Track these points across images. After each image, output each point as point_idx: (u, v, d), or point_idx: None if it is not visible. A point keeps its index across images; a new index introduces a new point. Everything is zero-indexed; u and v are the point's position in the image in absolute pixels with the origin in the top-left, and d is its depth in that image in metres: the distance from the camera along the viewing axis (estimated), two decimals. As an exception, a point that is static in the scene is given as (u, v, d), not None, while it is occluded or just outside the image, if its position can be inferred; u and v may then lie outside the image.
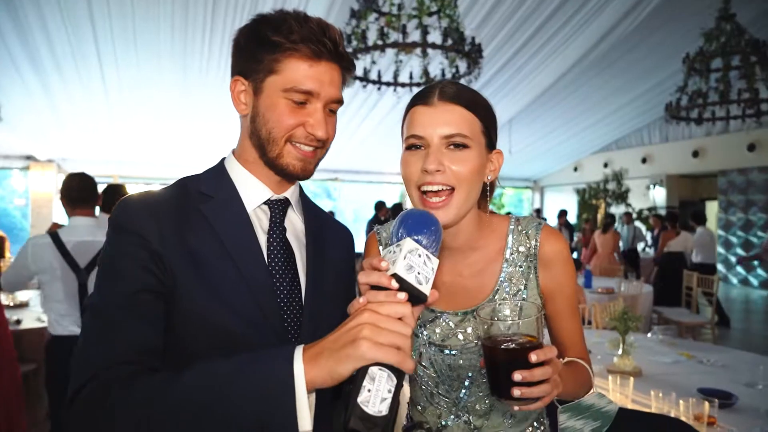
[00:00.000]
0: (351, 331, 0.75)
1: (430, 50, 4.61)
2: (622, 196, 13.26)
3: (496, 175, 1.15)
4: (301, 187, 1.20)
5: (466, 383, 1.17)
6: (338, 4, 6.21)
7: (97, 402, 0.80)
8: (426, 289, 0.79)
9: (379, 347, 0.72)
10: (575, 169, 15.93)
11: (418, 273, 0.79)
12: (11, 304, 4.64)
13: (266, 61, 1.01)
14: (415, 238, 0.83)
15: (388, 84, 5.46)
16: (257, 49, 1.01)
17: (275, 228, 1.09)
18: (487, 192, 1.17)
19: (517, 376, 0.86)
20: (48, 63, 6.85)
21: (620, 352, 2.94)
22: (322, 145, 1.07)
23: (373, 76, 5.34)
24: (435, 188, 1.05)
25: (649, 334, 3.88)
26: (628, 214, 11.19)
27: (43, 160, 10.82)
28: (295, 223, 1.15)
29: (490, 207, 1.23)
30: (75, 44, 6.50)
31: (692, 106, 6.91)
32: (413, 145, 1.09)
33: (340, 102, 1.08)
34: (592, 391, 1.14)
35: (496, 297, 1.15)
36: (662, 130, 13.25)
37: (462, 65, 5.21)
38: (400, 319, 0.76)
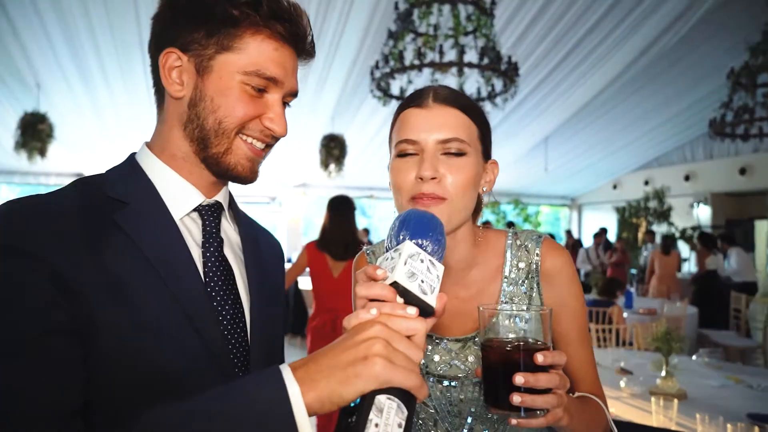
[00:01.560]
0: (361, 346, 0.60)
1: (466, 69, 4.66)
2: (664, 215, 12.89)
3: (491, 186, 1.05)
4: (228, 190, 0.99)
5: (469, 420, 1.03)
6: (375, 25, 6.35)
7: None
8: (431, 299, 0.67)
9: (394, 367, 0.59)
10: (614, 187, 15.59)
11: (422, 281, 0.67)
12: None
13: (222, 35, 0.82)
14: (418, 242, 0.70)
15: (424, 103, 5.52)
16: (208, 19, 0.82)
17: (211, 240, 0.90)
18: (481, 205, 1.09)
19: (519, 378, 0.76)
20: (98, 80, 7.19)
21: (663, 373, 2.86)
22: (273, 143, 0.91)
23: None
24: (428, 199, 0.95)
25: (693, 357, 3.75)
26: (649, 233, 10.93)
27: (92, 178, 11.31)
28: (230, 234, 0.96)
29: (527, 225, 1.19)
30: (124, 62, 6.84)
31: (738, 122, 6.71)
32: (405, 151, 0.98)
33: (296, 95, 0.93)
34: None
35: (498, 319, 1.06)
36: (706, 147, 12.86)
37: (498, 84, 5.24)
38: (409, 337, 0.64)
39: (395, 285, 0.66)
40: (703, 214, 13.15)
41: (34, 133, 6.89)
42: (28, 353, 0.67)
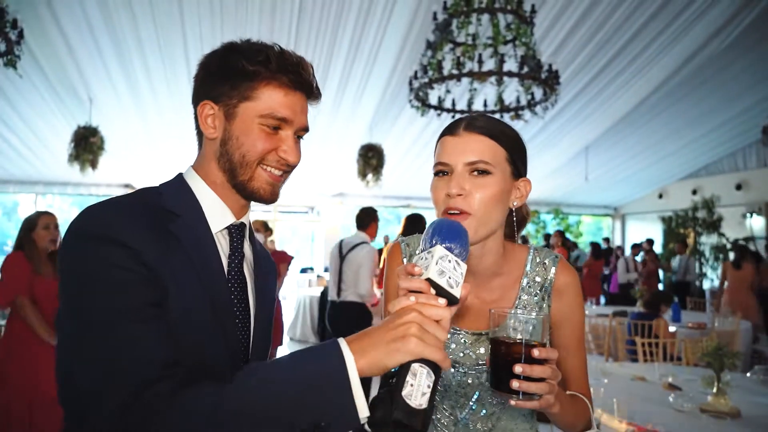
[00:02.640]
0: (400, 328, 0.79)
1: (505, 78, 4.63)
2: (713, 225, 12.39)
3: (522, 201, 1.20)
4: None
5: (473, 401, 1.22)
6: (414, 36, 6.39)
7: (144, 425, 0.76)
8: (456, 292, 0.85)
9: (426, 345, 0.78)
10: (660, 196, 15.09)
11: (449, 278, 0.85)
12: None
13: (242, 88, 1.02)
14: (447, 245, 0.88)
15: (462, 112, 5.51)
16: (232, 76, 1.03)
17: (236, 255, 1.10)
18: (513, 222, 1.24)
19: (518, 368, 0.93)
20: (146, 94, 7.50)
21: (715, 390, 2.74)
22: (290, 170, 1.10)
23: (447, 104, 5.41)
24: (457, 212, 1.11)
25: (748, 374, 3.58)
26: (681, 243, 10.52)
27: (139, 188, 11.75)
28: (246, 252, 1.15)
29: (567, 235, 1.27)
30: (170, 77, 7.10)
31: (793, 129, 6.42)
32: (440, 171, 1.16)
33: (307, 130, 1.11)
34: (591, 427, 1.19)
35: (506, 321, 1.19)
36: (759, 155, 12.31)
37: (538, 92, 5.17)
38: (437, 322, 0.82)
39: (429, 280, 0.84)
40: (757, 224, 12.56)
41: (87, 145, 7.22)
42: (137, 318, 0.85)
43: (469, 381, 1.22)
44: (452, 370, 1.23)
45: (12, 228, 15.83)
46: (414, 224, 4.71)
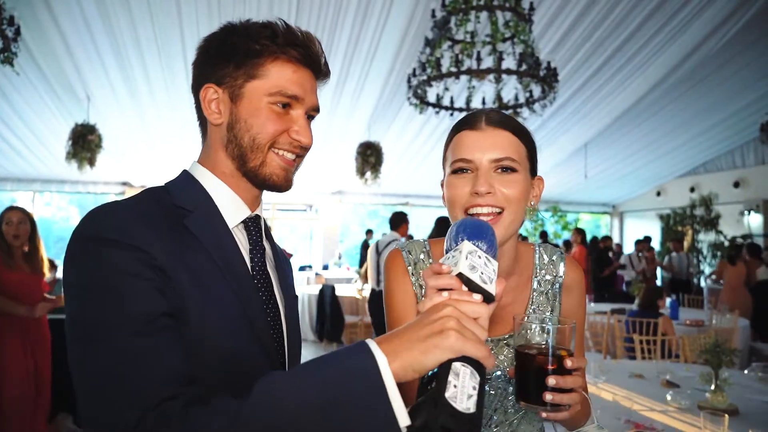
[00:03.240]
0: (437, 323, 0.71)
1: (504, 75, 4.62)
2: (711, 223, 12.41)
3: (537, 200, 1.16)
4: None
5: (493, 412, 1.15)
6: (412, 33, 6.37)
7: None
8: (491, 288, 0.78)
9: (466, 340, 0.69)
10: (658, 194, 15.12)
11: (482, 273, 0.78)
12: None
13: (248, 66, 0.96)
14: (474, 242, 0.82)
15: (460, 110, 5.50)
16: (235, 55, 0.96)
17: (257, 249, 1.03)
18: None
19: (552, 381, 0.89)
20: (144, 92, 7.46)
21: (713, 387, 2.75)
22: (303, 153, 1.03)
23: (446, 102, 5.40)
24: (484, 210, 1.06)
25: (746, 371, 3.59)
26: (676, 241, 10.55)
27: (137, 186, 11.72)
28: (266, 246, 1.08)
29: (565, 233, 1.26)
30: (168, 75, 7.08)
31: (791, 126, 6.42)
32: (461, 168, 1.09)
33: (318, 110, 1.05)
34: (590, 421, 1.16)
35: (532, 329, 1.18)
36: (757, 152, 12.32)
37: (536, 89, 5.17)
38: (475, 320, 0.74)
39: (460, 276, 0.76)
40: (755, 222, 12.59)
41: (84, 143, 7.20)
42: (146, 331, 0.77)
43: (491, 392, 1.15)
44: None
45: (10, 226, 15.79)
46: (444, 227, 4.86)
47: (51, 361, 3.93)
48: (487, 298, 0.78)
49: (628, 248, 13.78)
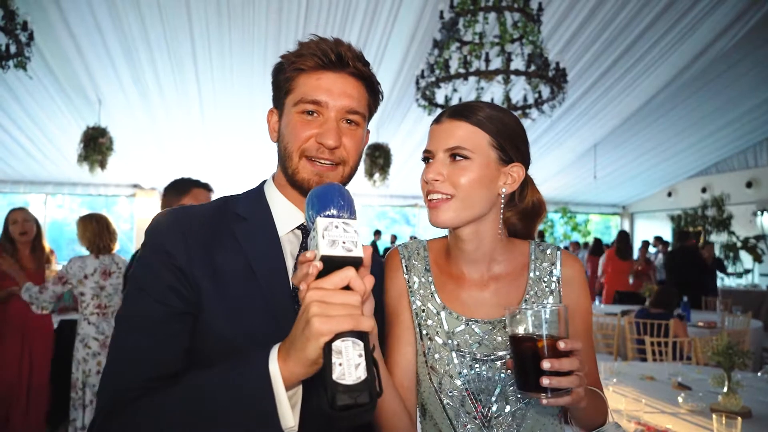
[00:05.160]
0: (303, 316, 0.75)
1: (512, 76, 4.60)
2: (723, 224, 12.28)
3: (514, 187, 1.17)
4: None
5: (495, 395, 1.15)
6: (420, 35, 6.38)
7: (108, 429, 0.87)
8: (358, 252, 0.79)
9: (331, 319, 0.73)
10: (669, 195, 14.99)
11: (344, 242, 0.79)
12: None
13: (284, 84, 1.07)
14: (325, 213, 0.83)
15: (469, 110, 5.48)
16: (279, 78, 1.08)
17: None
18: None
19: (546, 364, 0.90)
20: (154, 95, 7.53)
21: (725, 389, 2.72)
22: (336, 158, 1.05)
23: (454, 103, 5.39)
24: (436, 196, 1.13)
25: (759, 373, 3.55)
26: (658, 238, 10.41)
27: (147, 188, 11.81)
28: None
29: (575, 234, 1.25)
30: (179, 79, 7.14)
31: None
32: (425, 158, 1.18)
33: (357, 113, 1.07)
34: (609, 420, 1.16)
35: (525, 316, 1.18)
36: (770, 152, 12.20)
37: (545, 90, 5.15)
38: (347, 288, 0.77)
39: (324, 258, 0.77)
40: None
41: (95, 146, 7.27)
42: (150, 324, 0.94)
43: (489, 374, 1.15)
44: (470, 358, 1.15)
45: (22, 228, 15.95)
46: None
47: (50, 366, 4.05)
48: (357, 262, 0.79)
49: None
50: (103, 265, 3.78)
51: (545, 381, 0.90)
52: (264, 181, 1.18)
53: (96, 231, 3.80)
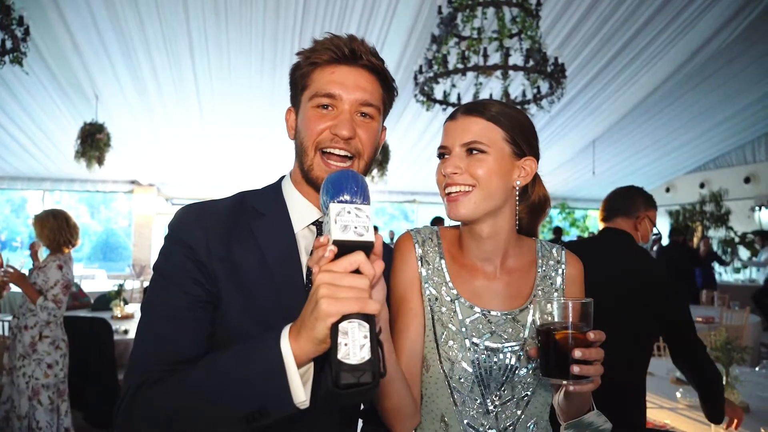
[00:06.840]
0: (313, 297, 0.78)
1: (511, 72, 4.59)
2: (721, 219, 12.30)
3: (527, 180, 1.21)
4: None
5: (503, 386, 1.18)
6: (418, 30, 6.36)
7: (131, 410, 0.91)
8: (369, 236, 0.81)
9: (338, 301, 0.76)
10: (667, 190, 15.00)
11: (355, 227, 0.81)
12: (119, 315, 5.05)
13: (300, 80, 1.10)
14: (339, 199, 0.85)
15: (468, 106, 5.47)
16: (296, 75, 1.12)
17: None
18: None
19: (578, 353, 0.96)
20: (152, 91, 7.51)
21: (723, 384, 2.72)
22: (351, 149, 1.08)
23: (453, 98, 5.39)
24: (455, 189, 1.16)
25: (756, 368, 3.56)
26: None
27: (145, 185, 11.78)
28: None
29: (574, 230, 1.26)
30: (176, 75, 7.11)
31: (803, 121, 6.34)
32: (441, 154, 1.22)
33: (371, 105, 1.10)
34: (591, 409, 1.21)
35: (554, 307, 1.22)
36: (768, 147, 12.21)
37: (543, 86, 5.13)
38: (357, 271, 0.79)
39: (336, 242, 0.80)
40: (766, 218, 12.47)
41: (93, 142, 7.25)
42: (173, 312, 0.98)
43: (497, 363, 1.17)
44: (481, 348, 1.17)
45: (20, 224, 15.95)
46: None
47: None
48: (368, 247, 0.81)
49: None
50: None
51: (576, 369, 0.95)
52: (282, 177, 1.21)
53: (54, 227, 3.69)
